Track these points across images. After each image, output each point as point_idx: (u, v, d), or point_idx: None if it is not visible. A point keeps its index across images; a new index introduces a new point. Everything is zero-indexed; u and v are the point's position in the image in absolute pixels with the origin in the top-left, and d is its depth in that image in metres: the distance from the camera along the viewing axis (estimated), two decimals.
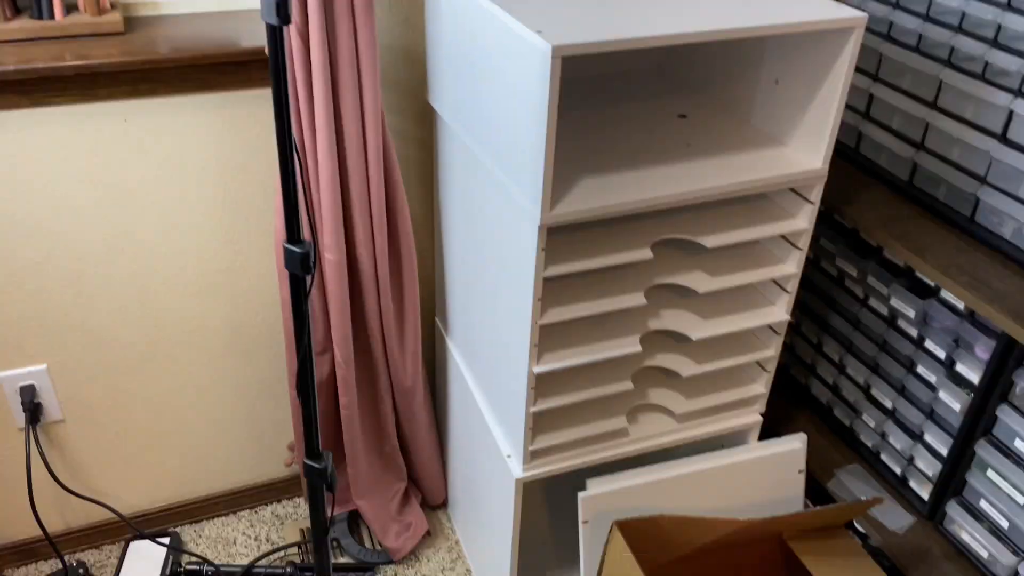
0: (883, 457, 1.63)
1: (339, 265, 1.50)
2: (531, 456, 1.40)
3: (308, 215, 1.45)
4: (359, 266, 1.54)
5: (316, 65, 1.32)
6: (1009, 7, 1.27)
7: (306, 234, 1.46)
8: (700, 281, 1.33)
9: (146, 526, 1.89)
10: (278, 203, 1.47)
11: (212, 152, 1.53)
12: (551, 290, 1.29)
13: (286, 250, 0.97)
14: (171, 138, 1.49)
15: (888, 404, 1.58)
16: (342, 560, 1.87)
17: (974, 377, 1.39)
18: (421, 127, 1.66)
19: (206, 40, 1.42)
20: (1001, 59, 1.29)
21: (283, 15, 0.83)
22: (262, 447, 1.93)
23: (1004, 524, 1.38)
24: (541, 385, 1.35)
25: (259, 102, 1.51)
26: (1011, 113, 1.28)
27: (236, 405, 1.84)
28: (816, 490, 1.64)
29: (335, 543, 1.89)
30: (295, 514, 1.98)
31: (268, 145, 1.56)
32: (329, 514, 1.30)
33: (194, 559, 1.82)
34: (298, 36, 1.30)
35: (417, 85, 1.62)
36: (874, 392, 1.61)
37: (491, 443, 1.51)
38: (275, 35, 0.85)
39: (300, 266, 0.97)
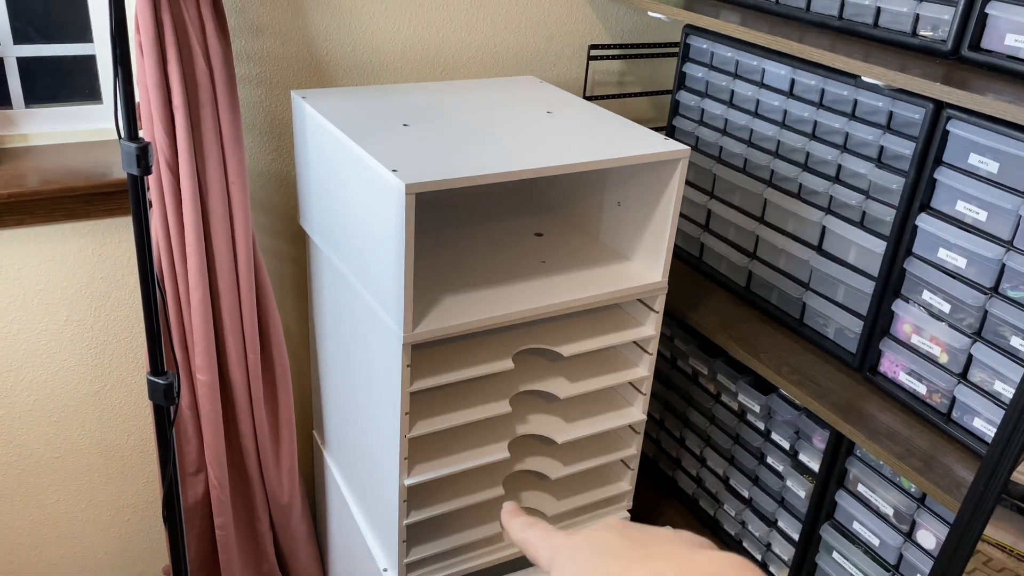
0: (745, 544, 1.72)
1: (211, 386, 1.51)
2: (407, 569, 1.42)
3: (170, 341, 1.46)
4: (232, 386, 1.55)
5: (186, 196, 1.36)
6: (814, 137, 1.45)
7: (170, 364, 1.46)
8: (561, 387, 1.42)
9: None
10: None
11: (81, 278, 1.54)
12: (418, 403, 1.34)
13: (149, 382, 1.00)
14: (38, 266, 1.50)
15: (745, 494, 1.69)
16: None
17: (814, 465, 1.51)
18: (296, 246, 1.72)
19: (75, 171, 1.44)
20: (811, 181, 1.46)
21: (143, 166, 0.88)
22: (135, 571, 1.87)
23: None
24: (413, 497, 1.39)
25: (129, 228, 1.54)
26: (824, 228, 1.45)
27: (108, 529, 1.79)
28: None
29: None
30: None
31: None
32: None
33: None
34: (168, 169, 1.35)
35: (290, 209, 1.68)
36: (732, 483, 1.72)
37: (368, 557, 1.52)
38: (136, 184, 0.90)
39: (164, 397, 1.00)
